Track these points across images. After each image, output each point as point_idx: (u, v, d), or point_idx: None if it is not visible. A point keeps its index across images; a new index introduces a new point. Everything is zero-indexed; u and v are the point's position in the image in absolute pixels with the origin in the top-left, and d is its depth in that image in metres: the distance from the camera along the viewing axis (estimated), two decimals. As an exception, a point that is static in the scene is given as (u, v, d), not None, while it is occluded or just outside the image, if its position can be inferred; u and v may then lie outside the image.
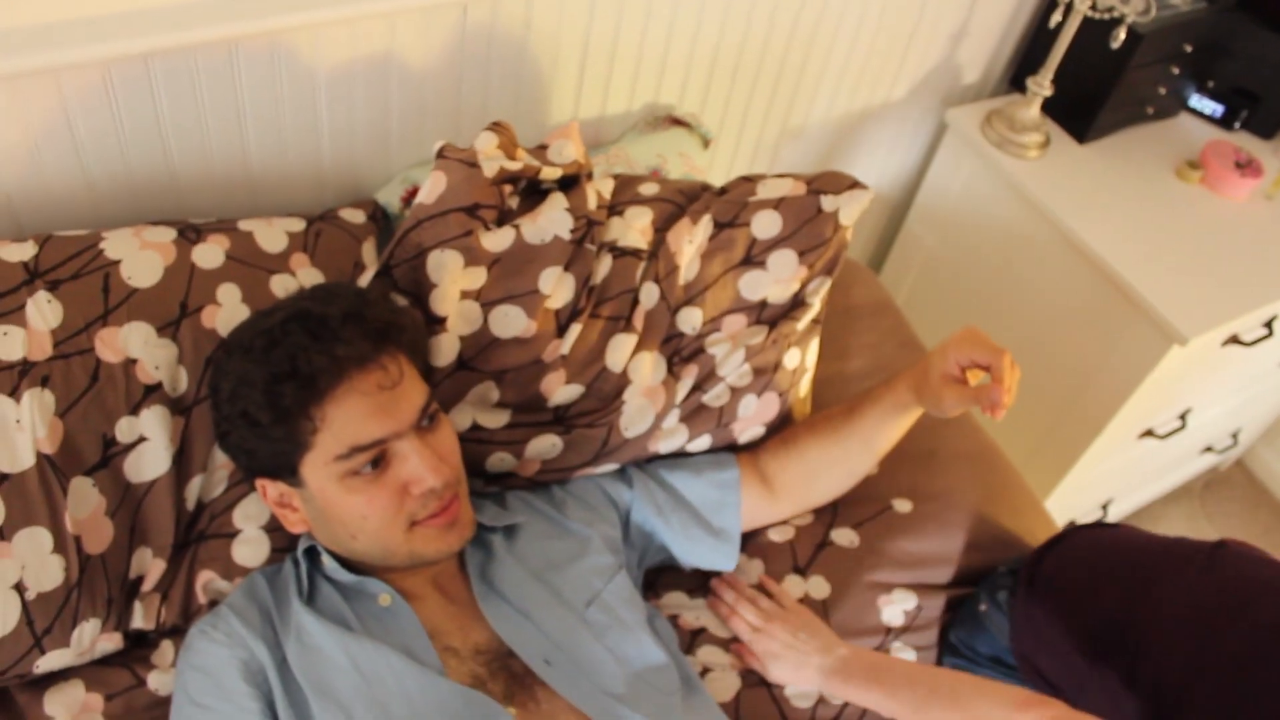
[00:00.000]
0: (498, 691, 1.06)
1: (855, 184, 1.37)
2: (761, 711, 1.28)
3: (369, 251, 1.37)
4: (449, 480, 1.09)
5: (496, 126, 1.32)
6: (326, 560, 1.14)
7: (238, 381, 1.07)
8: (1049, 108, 2.00)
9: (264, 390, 1.04)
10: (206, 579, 1.19)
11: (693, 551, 1.34)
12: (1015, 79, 2.16)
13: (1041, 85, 1.93)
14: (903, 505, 1.48)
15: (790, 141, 1.96)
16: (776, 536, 1.42)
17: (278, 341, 1.06)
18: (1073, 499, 2.21)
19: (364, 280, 1.27)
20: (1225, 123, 2.15)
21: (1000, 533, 1.47)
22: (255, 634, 1.08)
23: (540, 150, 1.38)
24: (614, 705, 1.08)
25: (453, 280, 1.23)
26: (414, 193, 1.47)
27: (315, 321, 1.07)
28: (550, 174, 1.32)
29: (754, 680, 1.30)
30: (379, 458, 1.06)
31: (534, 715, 1.06)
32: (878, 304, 1.75)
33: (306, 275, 1.28)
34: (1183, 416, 2.13)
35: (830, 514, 1.44)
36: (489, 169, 1.25)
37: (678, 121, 1.69)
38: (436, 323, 1.23)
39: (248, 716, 1.02)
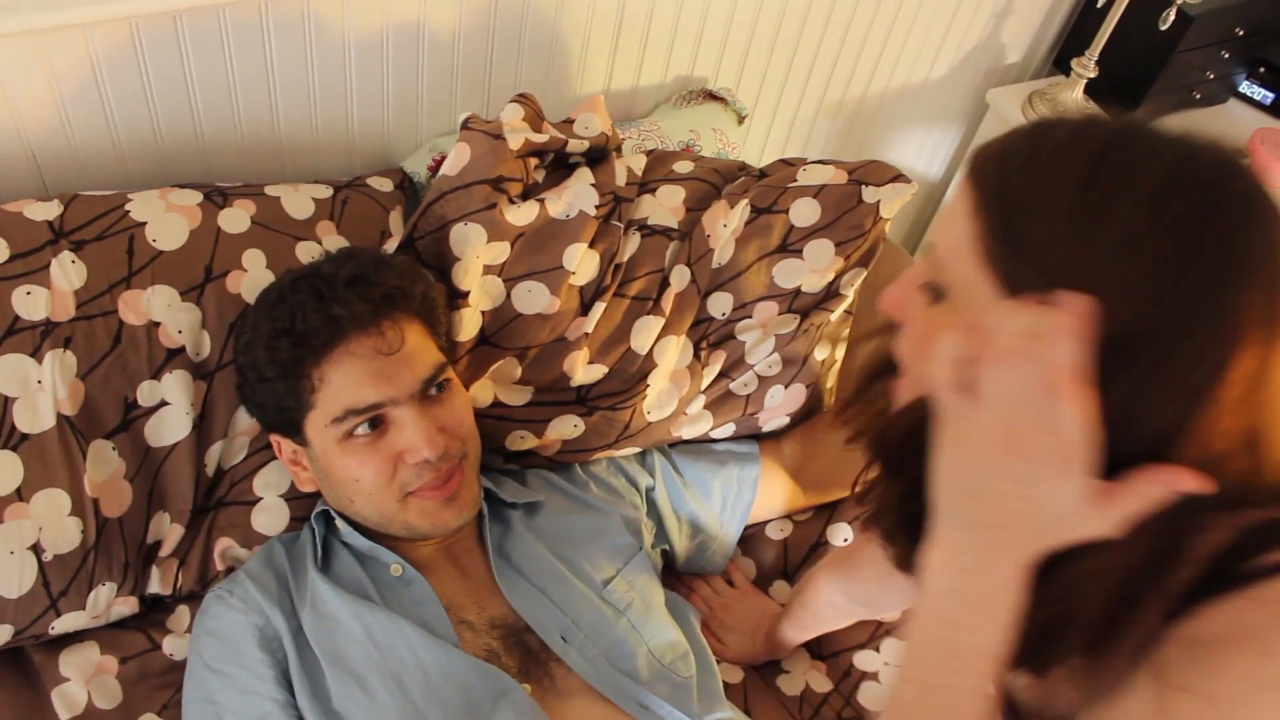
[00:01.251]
0: (512, 666, 1.07)
1: (899, 176, 1.35)
2: (763, 699, 1.29)
3: (395, 220, 1.37)
4: (447, 452, 1.09)
5: (522, 98, 1.31)
6: (341, 524, 1.15)
7: (251, 333, 1.11)
8: (1092, 90, 1.96)
9: (265, 344, 1.07)
10: (225, 546, 1.19)
11: (693, 560, 1.37)
12: (1059, 60, 2.12)
13: (1086, 67, 1.89)
14: None
15: (826, 119, 1.94)
16: (773, 533, 1.41)
17: (285, 298, 1.09)
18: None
19: (388, 249, 1.27)
20: (1275, 110, 2.10)
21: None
22: (272, 601, 1.09)
23: (567, 124, 1.36)
24: (630, 685, 1.08)
25: (475, 254, 1.22)
26: (441, 162, 1.45)
27: (322, 281, 1.09)
28: (576, 147, 1.30)
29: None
30: (378, 421, 1.07)
31: (548, 692, 1.06)
32: None
33: (332, 243, 1.28)
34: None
35: (829, 509, 1.41)
36: (514, 141, 1.24)
37: (713, 96, 1.67)
38: (459, 297, 1.23)
39: (261, 684, 1.03)
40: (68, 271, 1.11)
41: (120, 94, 1.24)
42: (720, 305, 1.31)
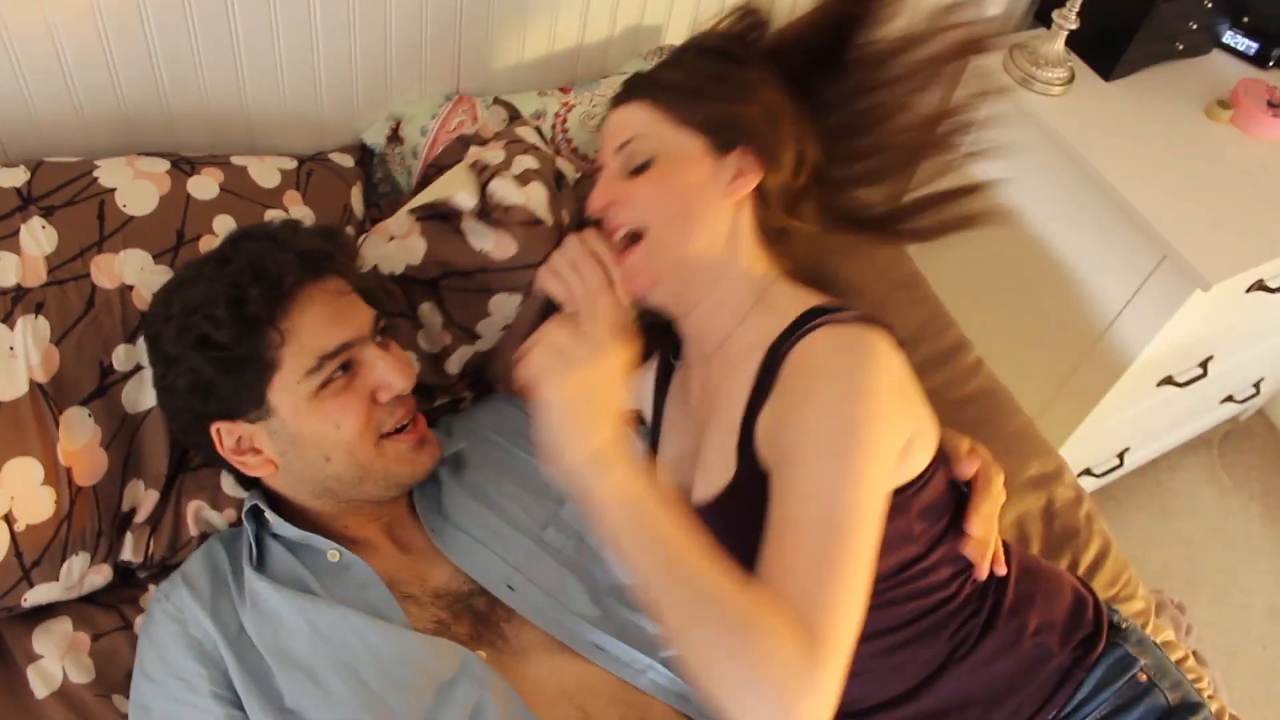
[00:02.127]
0: (462, 634, 1.06)
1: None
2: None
3: (356, 196, 1.41)
4: (414, 383, 1.11)
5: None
6: (271, 517, 1.12)
7: (190, 311, 1.05)
8: (1074, 43, 1.96)
9: (227, 303, 1.03)
10: (196, 508, 1.20)
11: None
12: (1040, 12, 2.12)
13: (1067, 19, 1.89)
14: None
15: (805, 75, 1.93)
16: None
17: (230, 258, 1.08)
18: (1089, 447, 2.21)
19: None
20: (1259, 60, 2.10)
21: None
22: (204, 608, 1.07)
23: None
24: (582, 626, 1.08)
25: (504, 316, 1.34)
26: (398, 128, 1.48)
27: (265, 231, 1.11)
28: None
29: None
30: (346, 364, 1.08)
31: (503, 654, 1.05)
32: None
33: (299, 212, 1.31)
34: (1204, 364, 2.11)
35: None
36: (548, 218, 1.30)
37: None
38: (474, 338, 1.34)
39: (196, 696, 1.01)
40: (38, 237, 1.11)
41: (81, 63, 1.24)
42: None
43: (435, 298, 1.30)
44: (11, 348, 1.07)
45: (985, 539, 1.09)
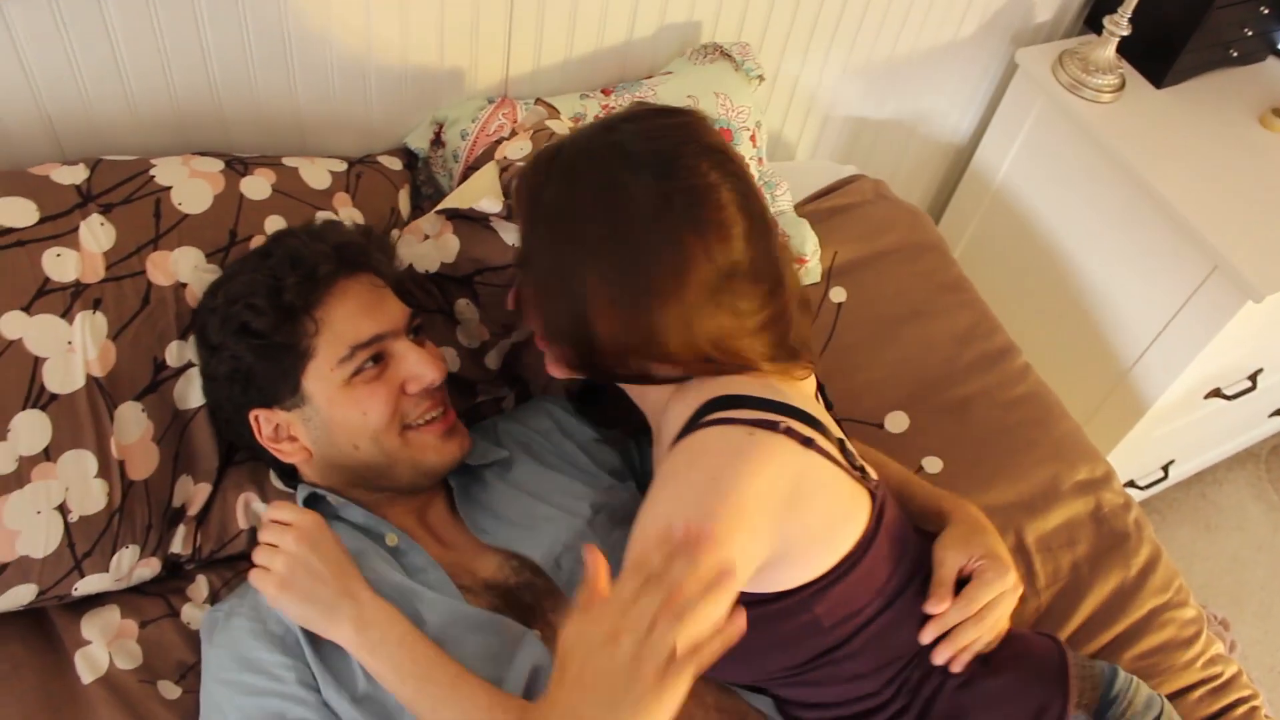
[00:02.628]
0: (514, 619, 1.09)
1: None
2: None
3: (404, 199, 1.44)
4: (443, 377, 1.14)
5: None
6: (335, 499, 1.16)
7: (232, 301, 1.12)
8: (1125, 49, 1.95)
9: (266, 292, 1.10)
10: (246, 500, 1.23)
11: None
12: (1090, 18, 2.10)
13: (1119, 25, 1.88)
14: (933, 464, 1.48)
15: (850, 82, 1.93)
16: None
17: (271, 251, 1.14)
18: (1134, 459, 2.19)
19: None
20: (1316, 68, 2.07)
21: (1046, 492, 1.47)
22: None
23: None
24: None
25: None
26: (441, 131, 1.49)
27: (305, 229, 1.17)
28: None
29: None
30: (378, 356, 1.12)
31: (550, 642, 1.08)
32: (918, 246, 1.74)
33: (348, 214, 1.33)
34: (1253, 377, 2.08)
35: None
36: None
37: (725, 54, 1.63)
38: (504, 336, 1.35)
39: (281, 685, 1.03)
40: (97, 234, 1.14)
41: (136, 61, 1.26)
42: None
43: (470, 293, 1.32)
44: (70, 342, 1.10)
45: (950, 646, 1.08)
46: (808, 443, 0.98)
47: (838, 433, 1.08)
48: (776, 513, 0.94)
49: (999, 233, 2.20)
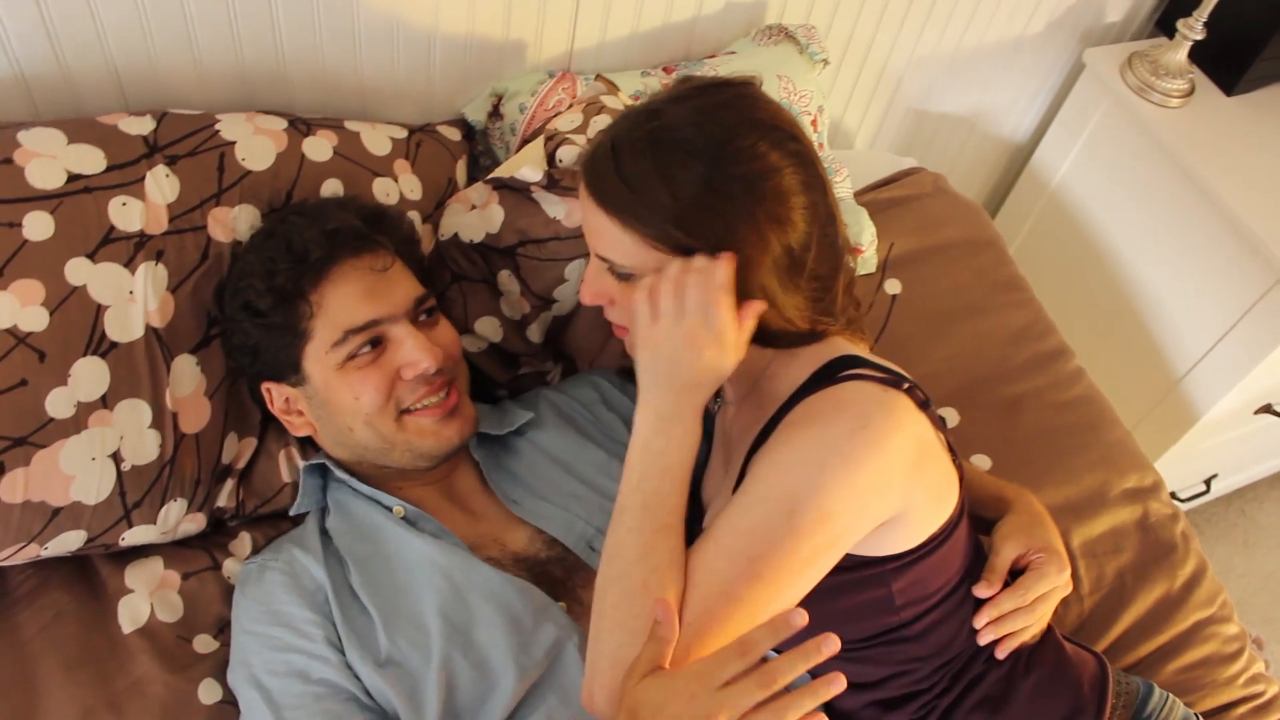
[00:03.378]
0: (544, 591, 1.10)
1: None
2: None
3: (461, 170, 1.43)
4: (442, 364, 1.14)
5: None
6: (340, 473, 1.18)
7: (239, 276, 1.14)
8: (1197, 54, 1.92)
9: (262, 275, 1.11)
10: (289, 453, 1.24)
11: None
12: (1163, 20, 2.07)
13: (1193, 28, 1.85)
14: (981, 462, 1.47)
15: (915, 72, 1.92)
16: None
17: (274, 232, 1.15)
18: (1177, 470, 2.16)
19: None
20: (1393, 81, 2.03)
21: (1093, 497, 1.45)
22: (318, 560, 1.12)
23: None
24: None
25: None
26: (499, 104, 1.49)
27: (310, 208, 1.17)
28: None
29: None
30: (377, 341, 1.12)
31: (581, 619, 1.09)
32: (975, 242, 1.73)
33: (408, 182, 1.33)
34: (1307, 395, 2.06)
35: None
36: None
37: (789, 36, 1.61)
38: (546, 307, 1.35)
39: (308, 642, 1.05)
40: (162, 185, 1.15)
41: (205, 17, 1.26)
42: None
43: (513, 265, 1.32)
44: (131, 292, 1.11)
45: (997, 630, 1.08)
46: (924, 405, 0.99)
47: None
48: (910, 469, 0.95)
49: (1054, 233, 2.18)
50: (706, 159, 0.93)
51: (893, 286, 1.63)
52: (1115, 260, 2.04)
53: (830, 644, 0.79)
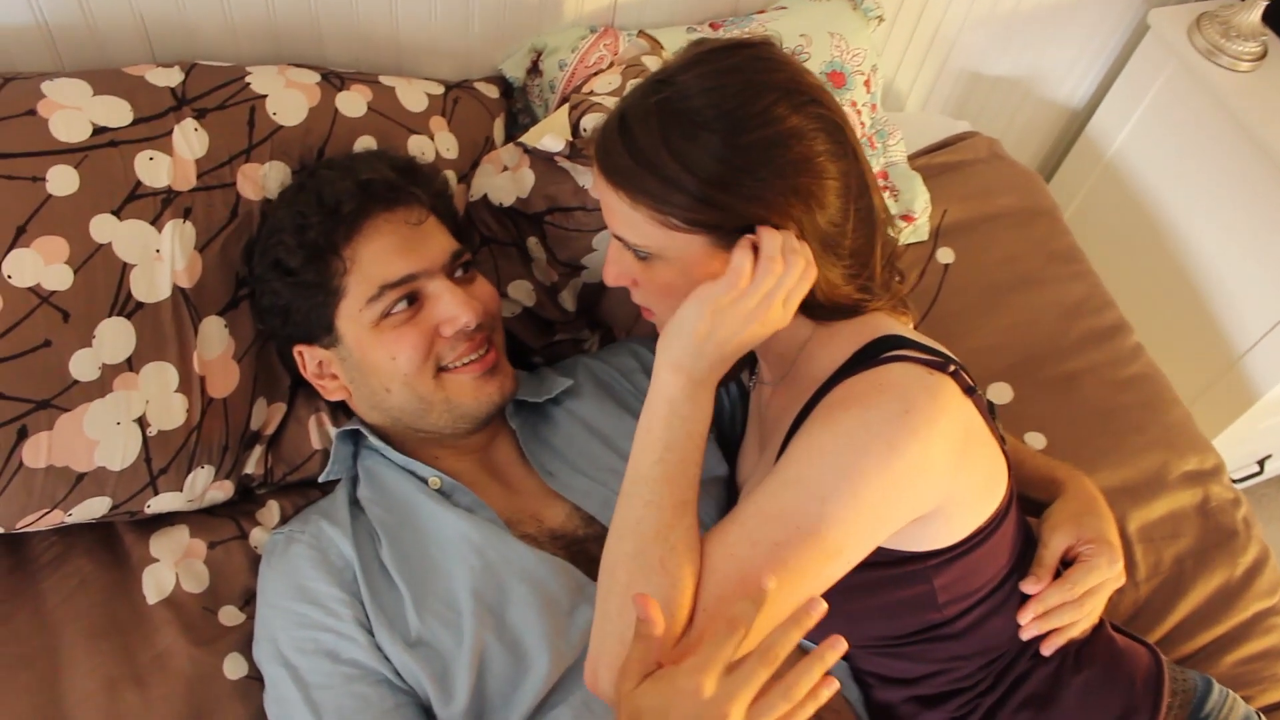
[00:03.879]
0: (582, 572, 1.06)
1: None
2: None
3: (499, 128, 1.39)
4: (482, 320, 1.10)
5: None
6: (374, 441, 1.14)
7: (269, 233, 1.10)
8: (1271, 16, 1.83)
9: (293, 230, 1.07)
10: (319, 419, 1.21)
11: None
12: (1234, -21, 1.98)
13: (1268, -12, 1.76)
14: (1035, 440, 1.42)
15: (973, 30, 1.85)
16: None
17: (305, 186, 1.11)
18: (1231, 450, 2.09)
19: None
20: None
21: (1151, 480, 1.40)
22: (346, 535, 1.08)
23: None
24: None
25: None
26: (538, 60, 1.45)
27: (341, 161, 1.14)
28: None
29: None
30: (413, 297, 1.08)
31: None
32: (1031, 211, 1.67)
33: (444, 139, 1.29)
34: (1371, 377, 1.98)
35: None
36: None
37: None
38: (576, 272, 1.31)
39: (340, 623, 1.01)
40: (190, 139, 1.11)
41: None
42: None
43: (539, 233, 1.28)
44: (158, 250, 1.08)
45: (1042, 626, 1.03)
46: (970, 390, 0.94)
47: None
48: (954, 457, 0.90)
49: (1109, 203, 2.11)
50: (720, 129, 0.87)
51: (945, 255, 1.57)
52: (1174, 232, 1.97)
53: (838, 647, 0.76)
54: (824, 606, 0.77)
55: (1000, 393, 1.46)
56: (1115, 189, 2.09)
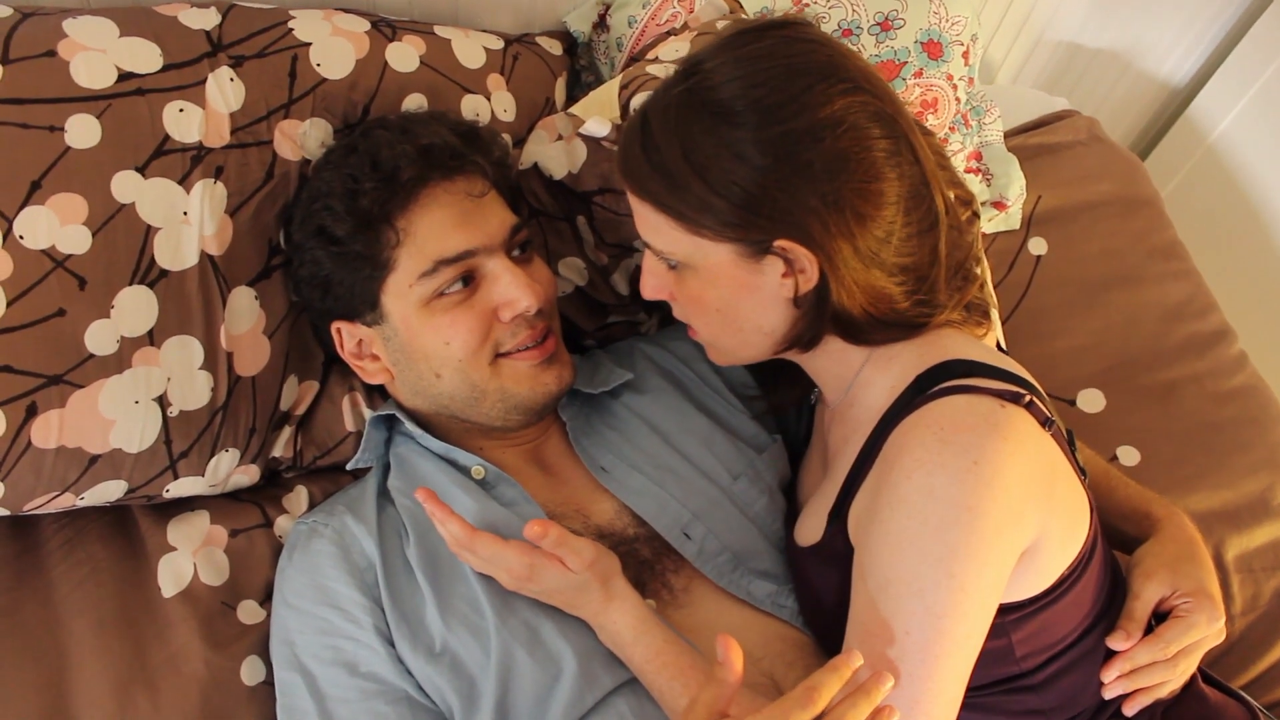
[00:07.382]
0: (627, 579, 0.99)
1: None
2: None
3: (560, 88, 1.32)
4: (543, 304, 1.03)
5: None
6: (411, 427, 1.08)
7: (313, 197, 1.03)
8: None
9: (343, 195, 1.00)
10: (353, 399, 1.15)
11: None
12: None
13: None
14: (1129, 455, 1.34)
15: (1073, -2, 1.74)
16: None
17: (356, 147, 1.03)
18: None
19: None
20: None
21: (1254, 505, 1.32)
22: (370, 531, 1.02)
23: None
24: (762, 584, 1.02)
25: None
26: (607, 13, 1.37)
27: (395, 121, 1.06)
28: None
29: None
30: (469, 277, 1.01)
31: (669, 606, 1.00)
32: (1132, 201, 1.58)
33: (500, 100, 1.22)
34: None
35: None
36: None
37: None
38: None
39: (359, 630, 0.96)
40: (225, 90, 1.04)
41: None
42: None
43: (587, 213, 1.21)
44: (185, 213, 1.01)
45: (1128, 685, 0.95)
46: (1047, 423, 0.85)
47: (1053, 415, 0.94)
48: (1041, 495, 0.83)
49: (1207, 192, 2.01)
50: (748, 122, 0.81)
51: (1037, 246, 1.49)
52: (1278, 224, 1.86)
53: (889, 682, 0.76)
54: (860, 660, 0.77)
55: (1091, 400, 1.38)
56: (1217, 176, 1.98)
